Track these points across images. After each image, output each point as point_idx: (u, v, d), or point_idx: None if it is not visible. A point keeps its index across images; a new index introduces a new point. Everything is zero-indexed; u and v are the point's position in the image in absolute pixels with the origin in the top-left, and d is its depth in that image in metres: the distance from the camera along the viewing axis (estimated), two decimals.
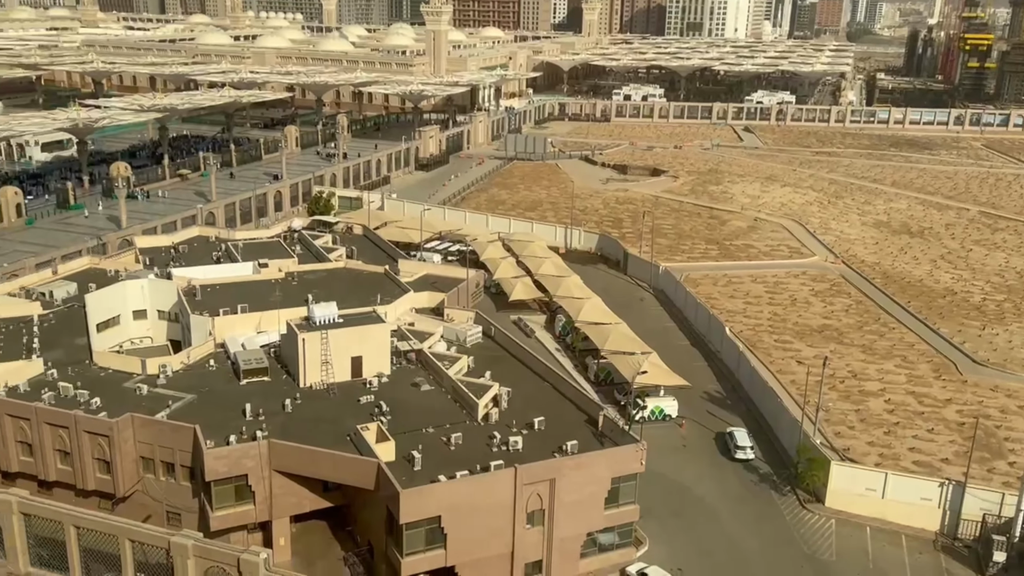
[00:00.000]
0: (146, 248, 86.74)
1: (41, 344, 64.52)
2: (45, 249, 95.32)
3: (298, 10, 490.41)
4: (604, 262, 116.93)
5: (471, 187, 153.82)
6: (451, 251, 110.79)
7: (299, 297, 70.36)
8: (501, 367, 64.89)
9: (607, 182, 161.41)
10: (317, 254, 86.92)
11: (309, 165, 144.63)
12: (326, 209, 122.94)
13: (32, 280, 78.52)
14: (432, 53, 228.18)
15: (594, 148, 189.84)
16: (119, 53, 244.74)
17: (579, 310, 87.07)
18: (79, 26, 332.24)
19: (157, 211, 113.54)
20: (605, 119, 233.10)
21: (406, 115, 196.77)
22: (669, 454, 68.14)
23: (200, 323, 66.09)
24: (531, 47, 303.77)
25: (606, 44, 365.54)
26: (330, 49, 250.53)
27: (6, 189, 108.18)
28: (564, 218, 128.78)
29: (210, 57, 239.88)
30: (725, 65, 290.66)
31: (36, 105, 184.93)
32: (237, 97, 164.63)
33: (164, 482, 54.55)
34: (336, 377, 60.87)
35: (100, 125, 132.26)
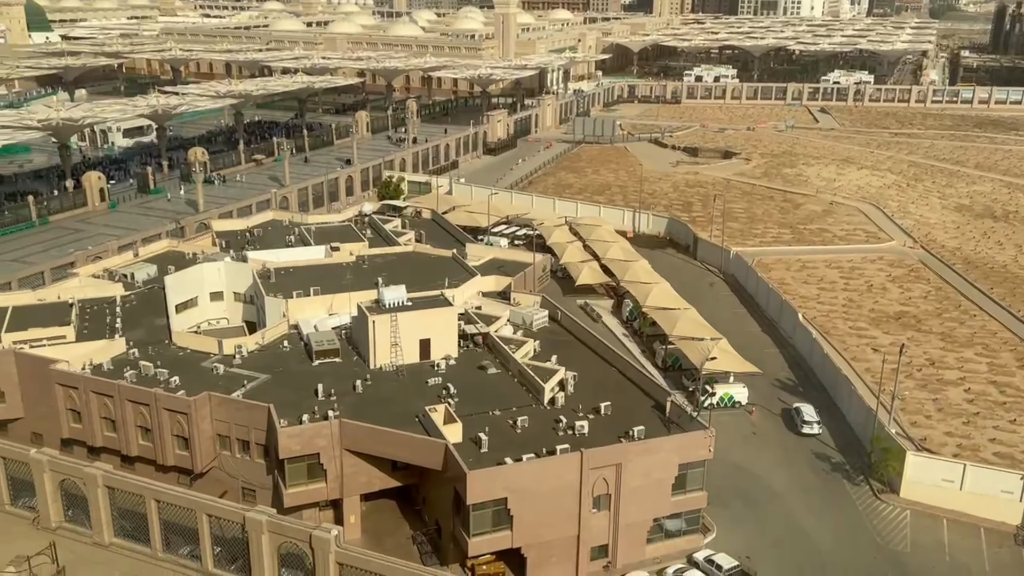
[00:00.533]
0: (222, 231, 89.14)
1: (123, 324, 66.99)
2: (127, 232, 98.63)
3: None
4: (673, 247, 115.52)
5: (538, 171, 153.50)
6: (518, 235, 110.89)
7: (369, 280, 71.45)
8: (567, 351, 64.88)
9: (677, 165, 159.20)
10: (387, 238, 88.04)
11: (379, 150, 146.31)
12: (396, 194, 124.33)
13: (115, 262, 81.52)
14: (501, 36, 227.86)
15: (664, 130, 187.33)
16: (196, 40, 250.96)
17: (647, 295, 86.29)
18: (158, 14, 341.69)
19: (233, 195, 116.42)
20: (676, 101, 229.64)
21: (474, 99, 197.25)
22: (738, 441, 67.23)
23: (274, 305, 67.71)
24: (600, 28, 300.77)
25: (677, 24, 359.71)
26: (400, 34, 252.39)
27: (90, 174, 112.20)
28: (632, 202, 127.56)
29: (283, 43, 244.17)
30: (800, 45, 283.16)
31: (118, 92, 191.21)
32: (309, 83, 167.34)
33: (239, 459, 56.24)
34: (405, 359, 61.76)
35: (178, 111, 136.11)
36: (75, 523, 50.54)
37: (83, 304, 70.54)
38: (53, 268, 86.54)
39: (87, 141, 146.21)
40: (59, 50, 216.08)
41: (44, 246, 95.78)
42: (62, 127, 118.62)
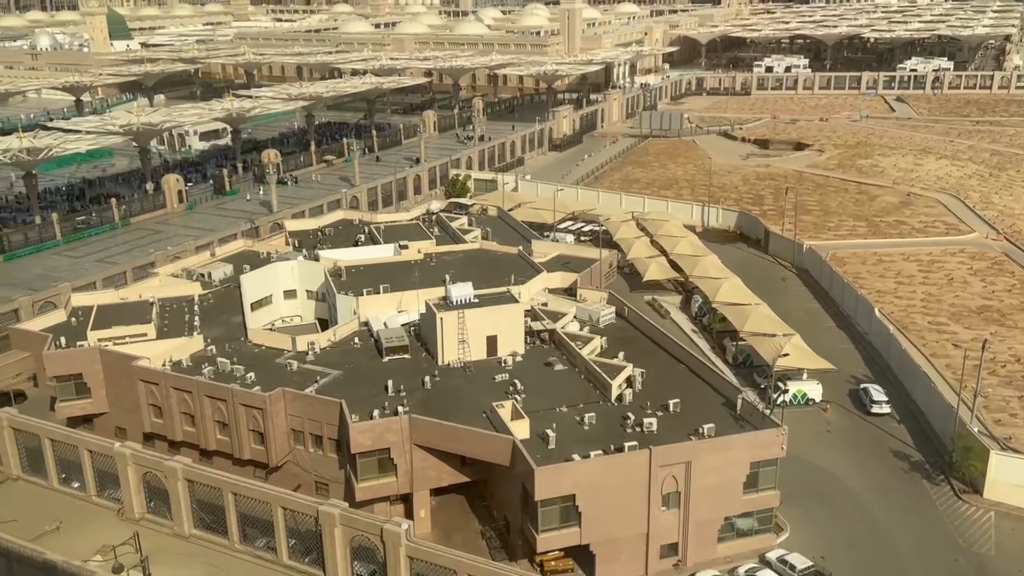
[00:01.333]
0: (295, 231, 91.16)
1: (201, 322, 69.04)
2: (204, 233, 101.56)
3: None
4: (744, 241, 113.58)
5: (605, 166, 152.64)
6: (584, 231, 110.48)
7: (437, 277, 72.15)
8: (635, 348, 64.42)
9: (747, 158, 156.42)
10: (454, 236, 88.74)
11: (446, 148, 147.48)
12: (462, 191, 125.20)
13: (193, 262, 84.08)
14: (566, 32, 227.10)
15: (733, 123, 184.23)
16: (268, 44, 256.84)
17: (717, 290, 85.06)
18: (232, 20, 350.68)
19: (305, 196, 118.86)
20: (745, 93, 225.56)
21: (540, 96, 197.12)
22: (813, 439, 65.78)
23: (345, 302, 68.95)
24: (667, 21, 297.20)
25: (747, 15, 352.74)
26: (466, 33, 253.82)
27: (169, 177, 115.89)
28: (701, 196, 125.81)
29: (352, 45, 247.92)
30: (875, 32, 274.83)
31: (194, 97, 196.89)
32: (378, 84, 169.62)
33: (313, 453, 57.45)
34: (472, 355, 62.17)
35: (252, 114, 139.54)
36: (157, 515, 52.33)
37: (163, 303, 72.95)
38: (135, 268, 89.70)
39: (166, 145, 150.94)
40: (139, 57, 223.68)
41: (126, 247, 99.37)
42: (142, 132, 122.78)
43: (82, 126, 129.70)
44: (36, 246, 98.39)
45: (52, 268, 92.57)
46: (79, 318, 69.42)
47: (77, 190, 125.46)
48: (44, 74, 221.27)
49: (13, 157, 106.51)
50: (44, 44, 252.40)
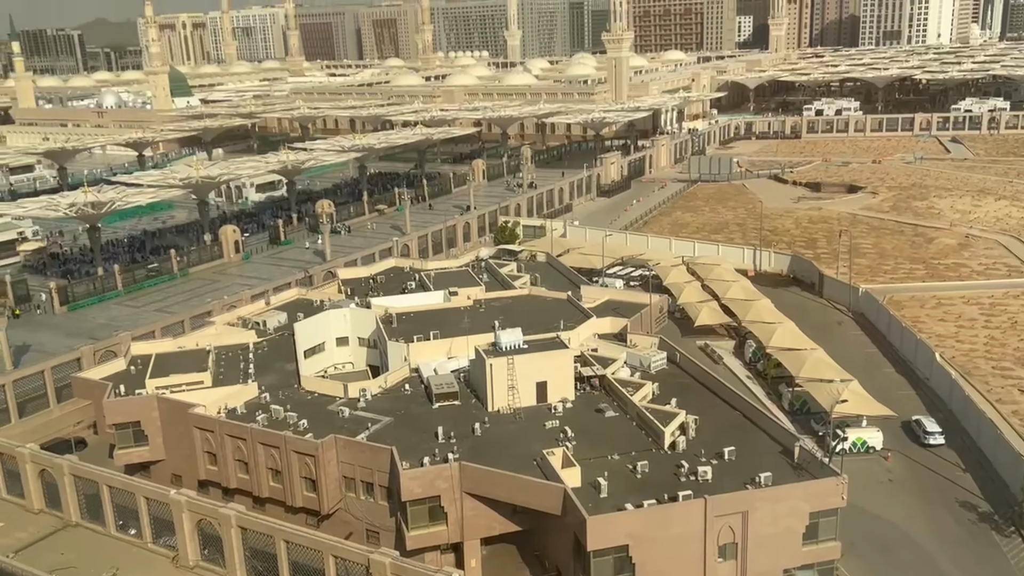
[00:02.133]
0: (348, 279, 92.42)
1: (256, 369, 70.02)
2: (259, 282, 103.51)
3: (484, 48, 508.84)
4: (797, 285, 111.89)
5: (654, 211, 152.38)
6: (633, 276, 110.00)
7: (486, 324, 72.26)
8: (688, 394, 63.47)
9: (799, 201, 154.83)
10: (503, 282, 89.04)
11: (495, 196, 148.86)
12: (511, 238, 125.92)
13: (248, 311, 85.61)
14: (613, 80, 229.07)
15: (784, 166, 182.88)
16: (323, 98, 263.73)
17: (771, 335, 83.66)
18: (288, 76, 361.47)
19: (357, 244, 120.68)
20: (795, 136, 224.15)
21: (588, 143, 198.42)
22: (874, 488, 63.74)
23: (396, 349, 69.38)
24: (715, 67, 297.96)
25: (795, 59, 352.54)
26: (514, 83, 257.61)
27: (226, 228, 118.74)
28: (752, 239, 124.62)
29: (403, 98, 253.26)
30: (928, 73, 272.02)
31: (251, 150, 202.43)
32: (428, 135, 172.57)
33: (364, 501, 57.39)
34: (522, 402, 61.85)
35: (307, 166, 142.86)
36: (211, 562, 52.65)
37: (219, 351, 74.22)
38: (192, 317, 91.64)
39: (224, 197, 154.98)
40: (199, 113, 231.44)
41: (184, 296, 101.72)
42: (201, 184, 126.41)
43: (144, 180, 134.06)
44: (98, 296, 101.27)
45: (113, 318, 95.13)
46: (138, 367, 70.97)
47: (138, 242, 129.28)
48: (109, 131, 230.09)
49: (78, 211, 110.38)
50: (109, 102, 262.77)
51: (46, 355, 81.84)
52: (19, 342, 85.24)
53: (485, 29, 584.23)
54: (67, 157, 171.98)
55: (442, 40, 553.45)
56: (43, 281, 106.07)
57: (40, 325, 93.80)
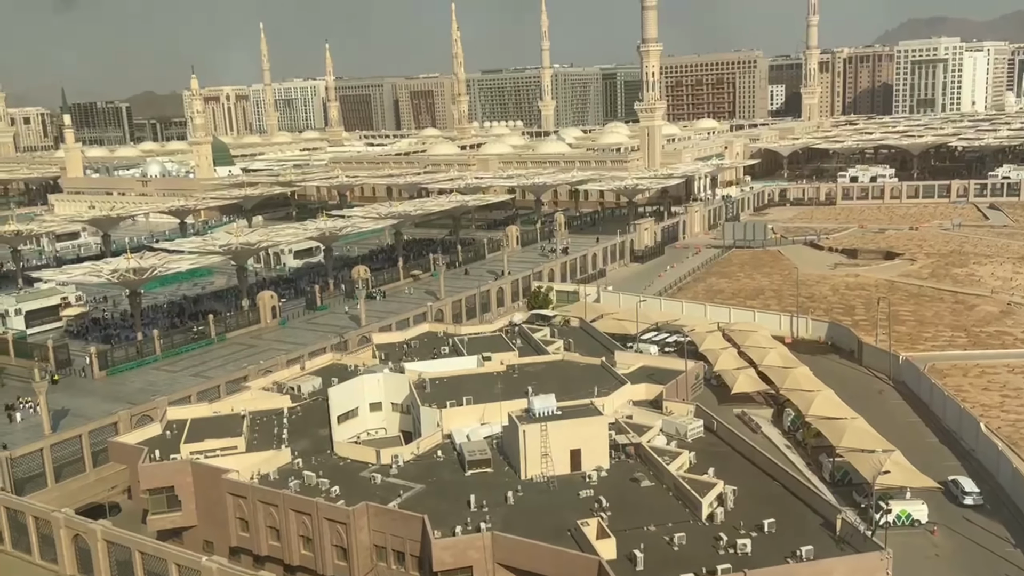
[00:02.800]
0: (382, 344, 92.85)
1: (289, 435, 70.09)
2: (295, 347, 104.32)
3: (518, 117, 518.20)
4: (836, 352, 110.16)
5: (688, 277, 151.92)
6: (668, 342, 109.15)
7: (520, 389, 71.89)
8: (726, 464, 62.23)
9: (835, 267, 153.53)
10: (536, 347, 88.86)
11: (529, 261, 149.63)
12: (545, 303, 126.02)
13: (283, 375, 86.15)
14: (646, 148, 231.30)
15: (819, 232, 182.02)
16: (360, 167, 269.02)
17: (810, 403, 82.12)
18: (327, 145, 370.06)
19: (392, 309, 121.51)
20: (830, 202, 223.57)
21: (621, 209, 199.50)
22: (920, 563, 61.39)
23: (429, 415, 69.16)
24: (748, 135, 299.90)
25: (827, 127, 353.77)
26: (548, 151, 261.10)
27: (264, 294, 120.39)
28: (789, 306, 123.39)
29: (439, 166, 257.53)
30: (963, 140, 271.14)
31: (290, 217, 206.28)
32: (463, 202, 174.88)
33: (395, 570, 56.55)
34: (555, 470, 61.03)
35: (344, 233, 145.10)
36: None
37: (253, 416, 74.52)
38: (228, 382, 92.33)
39: (262, 263, 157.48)
40: (240, 182, 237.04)
41: (221, 361, 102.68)
42: (240, 251, 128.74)
43: (185, 247, 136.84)
44: (137, 361, 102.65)
45: (151, 382, 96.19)
46: (174, 431, 71.41)
47: (177, 307, 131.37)
48: (153, 199, 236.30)
49: (120, 277, 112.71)
50: (154, 171, 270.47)
51: (84, 419, 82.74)
52: (58, 406, 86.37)
53: (519, 99, 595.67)
54: (111, 225, 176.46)
55: (477, 110, 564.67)
56: (84, 346, 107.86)
57: (79, 389, 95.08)
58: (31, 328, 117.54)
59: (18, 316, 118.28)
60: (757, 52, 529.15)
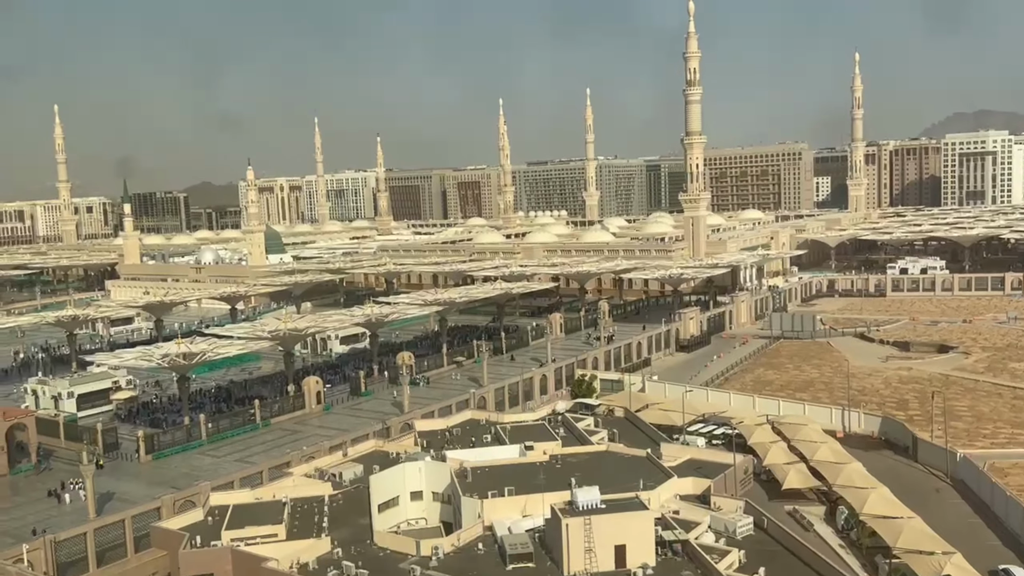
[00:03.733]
0: (424, 431, 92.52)
1: (330, 523, 69.49)
2: (338, 433, 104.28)
3: (563, 207, 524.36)
4: (889, 448, 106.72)
5: (735, 367, 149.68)
6: (716, 434, 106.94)
7: (563, 480, 70.69)
8: (777, 563, 60.03)
9: (887, 360, 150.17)
10: (580, 437, 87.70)
11: (572, 349, 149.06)
12: (588, 392, 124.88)
13: (325, 462, 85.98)
14: (691, 238, 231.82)
15: (869, 324, 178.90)
16: (408, 255, 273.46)
17: (864, 501, 79.21)
18: (376, 234, 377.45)
19: (435, 396, 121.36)
20: (880, 294, 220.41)
21: (666, 298, 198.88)
22: None
23: (470, 505, 68.14)
24: (794, 225, 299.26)
25: (875, 218, 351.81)
26: (592, 240, 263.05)
27: (309, 379, 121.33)
28: (840, 399, 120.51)
29: (485, 254, 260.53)
30: (1016, 233, 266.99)
31: (338, 304, 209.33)
32: (508, 289, 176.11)
33: None
34: (600, 566, 59.35)
35: (390, 319, 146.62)
36: None
37: (295, 503, 74.18)
38: (271, 468, 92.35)
39: (309, 348, 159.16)
40: (290, 269, 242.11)
41: (265, 447, 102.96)
42: (288, 337, 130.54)
43: (234, 332, 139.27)
44: (183, 446, 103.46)
45: (195, 467, 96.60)
46: (215, 517, 71.28)
47: (224, 392, 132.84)
48: (206, 285, 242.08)
49: (171, 361, 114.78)
50: (208, 259, 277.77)
51: (128, 504, 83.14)
52: (104, 489, 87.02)
53: (564, 190, 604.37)
54: (164, 310, 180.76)
55: (523, 200, 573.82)
56: (132, 429, 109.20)
57: (125, 473, 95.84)
58: (82, 411, 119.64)
59: (70, 399, 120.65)
60: (802, 144, 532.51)
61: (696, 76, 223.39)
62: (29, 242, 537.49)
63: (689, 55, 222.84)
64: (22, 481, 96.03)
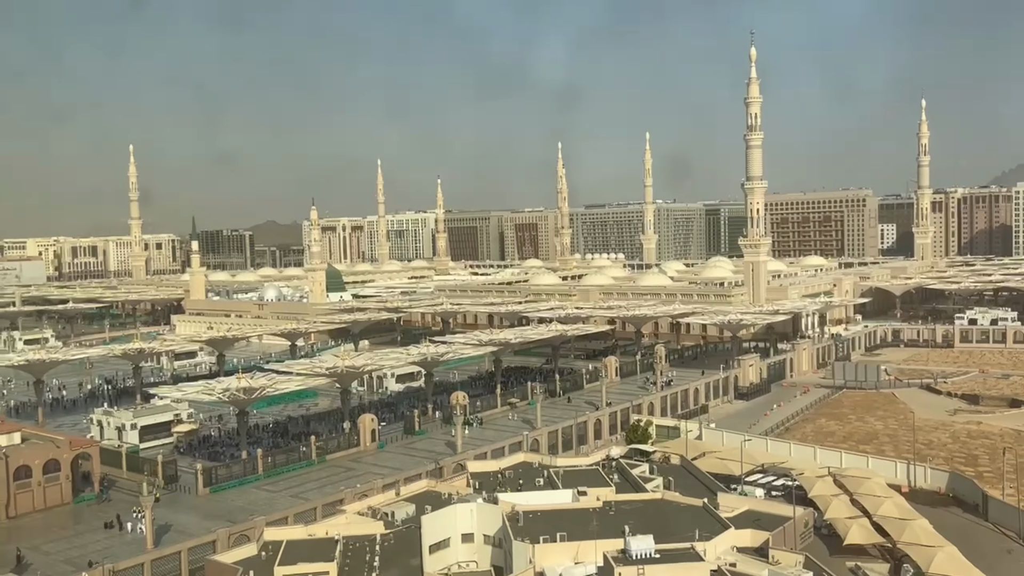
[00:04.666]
0: (476, 472, 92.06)
1: (380, 562, 69.33)
2: (391, 472, 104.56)
3: (620, 250, 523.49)
4: (958, 505, 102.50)
5: (795, 417, 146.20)
6: (775, 485, 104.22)
7: (616, 528, 69.50)
8: None
9: (955, 413, 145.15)
10: (634, 484, 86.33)
11: (627, 394, 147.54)
12: (643, 438, 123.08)
13: (378, 500, 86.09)
14: (751, 283, 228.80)
15: (936, 376, 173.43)
16: (464, 295, 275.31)
17: (931, 560, 76.11)
18: (434, 274, 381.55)
19: (488, 437, 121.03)
20: (947, 345, 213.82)
21: (724, 344, 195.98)
22: None
23: (521, 550, 67.32)
24: (857, 273, 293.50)
25: (942, 267, 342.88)
26: (649, 284, 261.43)
27: (365, 417, 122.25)
28: (905, 453, 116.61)
29: (540, 296, 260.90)
30: None
31: (395, 342, 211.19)
32: (563, 331, 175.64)
33: None
34: None
35: (445, 358, 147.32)
36: None
37: (347, 540, 74.27)
38: (324, 504, 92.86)
39: (365, 386, 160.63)
40: (350, 307, 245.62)
41: (319, 483, 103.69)
42: (345, 374, 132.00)
43: (293, 368, 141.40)
44: (240, 479, 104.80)
45: (251, 501, 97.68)
46: (269, 552, 71.73)
47: (282, 427, 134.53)
48: (267, 322, 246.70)
49: (231, 395, 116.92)
50: (270, 296, 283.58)
51: (185, 536, 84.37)
52: (163, 521, 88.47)
53: (622, 233, 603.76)
54: (226, 345, 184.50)
55: (580, 243, 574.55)
56: (192, 462, 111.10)
57: (183, 505, 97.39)
58: (144, 443, 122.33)
59: (133, 431, 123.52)
60: (866, 191, 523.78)
61: (757, 121, 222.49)
62: (101, 276, 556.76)
63: (750, 100, 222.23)
64: (84, 510, 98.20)
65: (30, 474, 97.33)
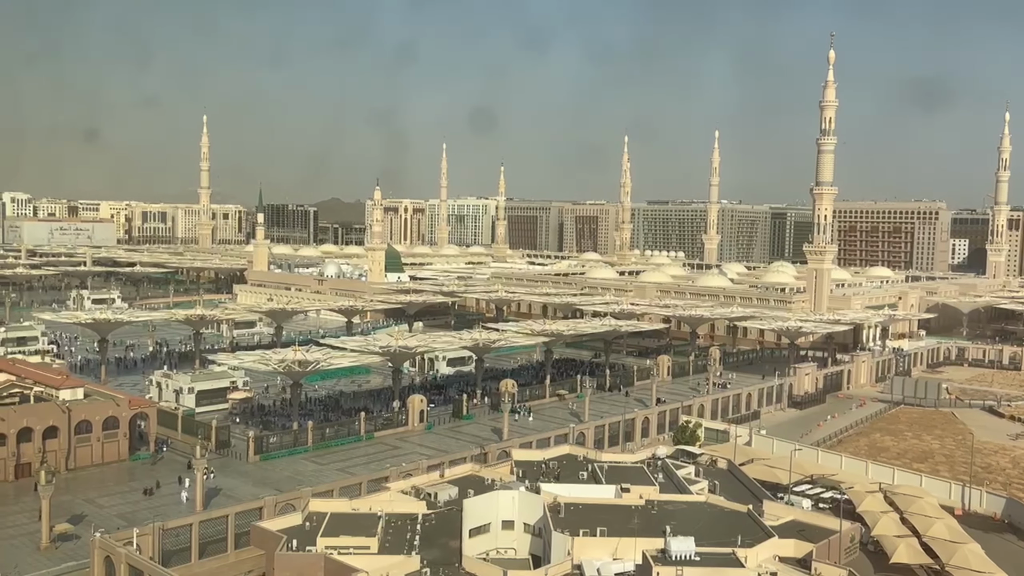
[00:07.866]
0: (521, 461, 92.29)
1: (421, 541, 70.07)
2: (437, 453, 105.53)
3: (680, 248, 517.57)
4: (1013, 532, 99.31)
5: (849, 430, 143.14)
6: (823, 497, 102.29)
7: (657, 527, 69.08)
8: None
9: (1017, 438, 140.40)
10: (679, 485, 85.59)
11: (678, 394, 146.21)
12: (691, 439, 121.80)
13: (422, 480, 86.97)
14: (813, 291, 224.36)
15: (1000, 399, 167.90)
16: (520, 284, 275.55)
17: None
18: (491, 261, 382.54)
19: (534, 427, 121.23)
20: (1015, 367, 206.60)
21: (781, 350, 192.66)
22: None
23: (560, 541, 67.39)
24: (924, 287, 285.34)
25: (1015, 287, 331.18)
26: (708, 285, 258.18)
27: (414, 397, 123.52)
28: (961, 474, 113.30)
29: (596, 289, 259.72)
30: None
31: (448, 326, 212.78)
32: (617, 326, 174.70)
33: None
34: None
35: (496, 345, 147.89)
36: None
37: (389, 517, 75.24)
38: (370, 480, 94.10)
39: (416, 367, 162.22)
40: (406, 288, 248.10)
41: (366, 459, 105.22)
42: (398, 354, 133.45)
43: (348, 344, 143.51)
44: (289, 450, 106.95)
45: (299, 472, 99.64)
46: (313, 523, 73.09)
47: (333, 401, 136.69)
48: (325, 297, 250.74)
49: (286, 367, 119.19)
50: (330, 272, 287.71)
51: (234, 500, 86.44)
52: (213, 485, 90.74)
53: (683, 231, 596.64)
54: (285, 317, 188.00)
55: (640, 239, 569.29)
56: (244, 429, 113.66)
57: (234, 471, 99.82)
58: (200, 407, 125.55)
59: (191, 394, 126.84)
60: (940, 203, 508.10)
61: (831, 126, 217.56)
62: (168, 242, 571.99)
63: (825, 104, 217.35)
64: (139, 468, 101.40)
65: (90, 429, 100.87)
